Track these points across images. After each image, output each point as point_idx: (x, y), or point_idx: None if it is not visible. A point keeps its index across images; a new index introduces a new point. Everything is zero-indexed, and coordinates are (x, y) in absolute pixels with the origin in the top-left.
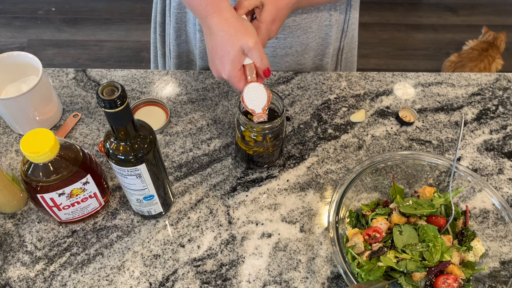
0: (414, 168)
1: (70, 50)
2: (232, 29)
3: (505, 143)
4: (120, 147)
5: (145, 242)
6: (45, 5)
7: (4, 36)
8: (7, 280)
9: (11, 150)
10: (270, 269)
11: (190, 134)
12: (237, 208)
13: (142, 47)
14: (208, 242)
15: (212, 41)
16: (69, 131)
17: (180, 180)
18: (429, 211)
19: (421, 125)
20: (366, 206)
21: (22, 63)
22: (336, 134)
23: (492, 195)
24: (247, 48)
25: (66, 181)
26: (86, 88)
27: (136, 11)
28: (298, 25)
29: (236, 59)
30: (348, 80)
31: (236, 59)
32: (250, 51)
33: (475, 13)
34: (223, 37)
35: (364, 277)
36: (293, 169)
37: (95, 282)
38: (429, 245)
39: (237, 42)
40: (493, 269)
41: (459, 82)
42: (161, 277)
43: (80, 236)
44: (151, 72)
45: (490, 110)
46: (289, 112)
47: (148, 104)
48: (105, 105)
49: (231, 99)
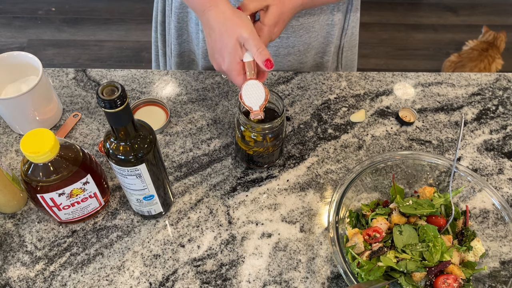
0: (414, 168)
1: (70, 50)
2: (228, 22)
3: (505, 143)
4: (120, 147)
5: (145, 242)
6: (45, 5)
7: (4, 36)
8: (7, 280)
9: (11, 150)
10: (270, 269)
11: (190, 134)
12: (237, 208)
13: (142, 47)
14: (208, 242)
15: (211, 35)
16: (69, 131)
17: (180, 180)
18: (429, 211)
19: (421, 125)
20: (366, 206)
21: (22, 63)
22: (336, 134)
23: (492, 195)
24: (242, 40)
25: (66, 181)
26: (86, 88)
27: (136, 11)
28: (301, 25)
29: (233, 51)
30: (348, 80)
31: (234, 51)
32: (246, 41)
33: (475, 13)
34: (220, 30)
35: (364, 277)
36: (293, 169)
37: (95, 282)
38: (429, 245)
39: (233, 34)
40: (493, 269)
41: (459, 82)
42: (161, 277)
43: (80, 236)
44: (151, 72)
45: (490, 110)
46: (289, 112)
47: (148, 104)
48: (105, 105)
49: (231, 99)
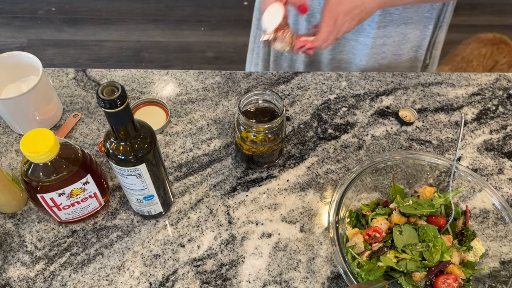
0: (414, 168)
1: (70, 50)
2: None
3: (505, 143)
4: (120, 147)
5: (145, 242)
6: (45, 5)
7: (4, 36)
8: (7, 280)
9: (11, 150)
10: (270, 269)
11: (190, 134)
12: (237, 208)
13: (142, 47)
14: (208, 242)
15: None
16: (69, 131)
17: (180, 180)
18: (429, 211)
19: (421, 125)
20: (366, 206)
21: (22, 63)
22: (336, 134)
23: (492, 195)
24: None
25: (66, 181)
26: (86, 88)
27: (136, 11)
28: (399, 15)
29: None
30: (348, 80)
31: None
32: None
33: (475, 13)
34: None
35: (364, 277)
36: (293, 169)
37: (95, 282)
38: (429, 245)
39: None
40: (493, 269)
41: (459, 82)
42: (161, 277)
43: (80, 236)
44: (151, 72)
45: (490, 110)
46: (289, 112)
47: (148, 104)
48: (105, 105)
49: (231, 99)
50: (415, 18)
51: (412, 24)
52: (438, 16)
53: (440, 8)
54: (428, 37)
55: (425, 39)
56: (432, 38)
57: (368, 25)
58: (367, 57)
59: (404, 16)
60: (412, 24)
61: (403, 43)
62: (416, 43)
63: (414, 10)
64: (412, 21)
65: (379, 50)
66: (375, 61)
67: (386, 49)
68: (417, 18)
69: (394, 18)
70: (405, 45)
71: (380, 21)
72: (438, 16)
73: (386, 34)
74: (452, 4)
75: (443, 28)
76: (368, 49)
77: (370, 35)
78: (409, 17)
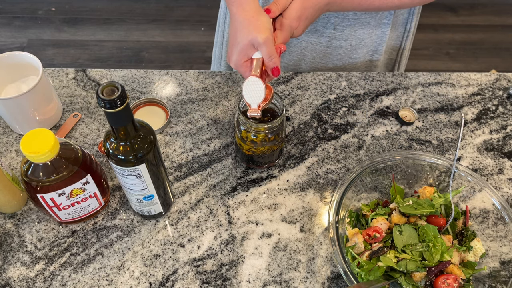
0: (414, 168)
1: (70, 50)
2: (246, 21)
3: (505, 143)
4: (120, 147)
5: (145, 242)
6: (45, 5)
7: (4, 36)
8: (7, 280)
9: (11, 150)
10: (270, 269)
11: (190, 134)
12: (237, 208)
13: (142, 47)
14: (208, 242)
15: (231, 29)
16: (69, 131)
17: (180, 180)
18: (429, 211)
19: (421, 125)
20: (366, 206)
21: (22, 63)
22: (336, 134)
23: (492, 195)
24: (256, 43)
25: (66, 181)
26: (86, 88)
27: (136, 11)
28: (357, 19)
29: (243, 51)
30: (348, 80)
31: (243, 51)
32: (260, 46)
33: (475, 13)
34: (237, 27)
35: (364, 277)
36: (293, 169)
37: (95, 282)
38: (429, 245)
39: (248, 36)
40: (493, 269)
41: (459, 82)
42: (161, 277)
43: (80, 236)
44: (151, 72)
45: (490, 110)
46: (289, 112)
47: (148, 104)
48: (105, 105)
49: (231, 99)
50: (373, 23)
51: (369, 29)
52: (405, 26)
53: (406, 17)
54: (385, 43)
55: (382, 44)
56: (400, 46)
57: (322, 26)
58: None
59: (362, 21)
60: (369, 29)
61: (360, 47)
62: (373, 48)
63: (372, 15)
64: (370, 26)
65: (335, 51)
66: (329, 61)
67: (342, 51)
68: (374, 23)
69: (352, 23)
70: (361, 49)
71: (337, 24)
72: (404, 25)
73: (343, 37)
74: (417, 14)
75: (409, 37)
76: (322, 47)
77: (325, 34)
78: (366, 21)
